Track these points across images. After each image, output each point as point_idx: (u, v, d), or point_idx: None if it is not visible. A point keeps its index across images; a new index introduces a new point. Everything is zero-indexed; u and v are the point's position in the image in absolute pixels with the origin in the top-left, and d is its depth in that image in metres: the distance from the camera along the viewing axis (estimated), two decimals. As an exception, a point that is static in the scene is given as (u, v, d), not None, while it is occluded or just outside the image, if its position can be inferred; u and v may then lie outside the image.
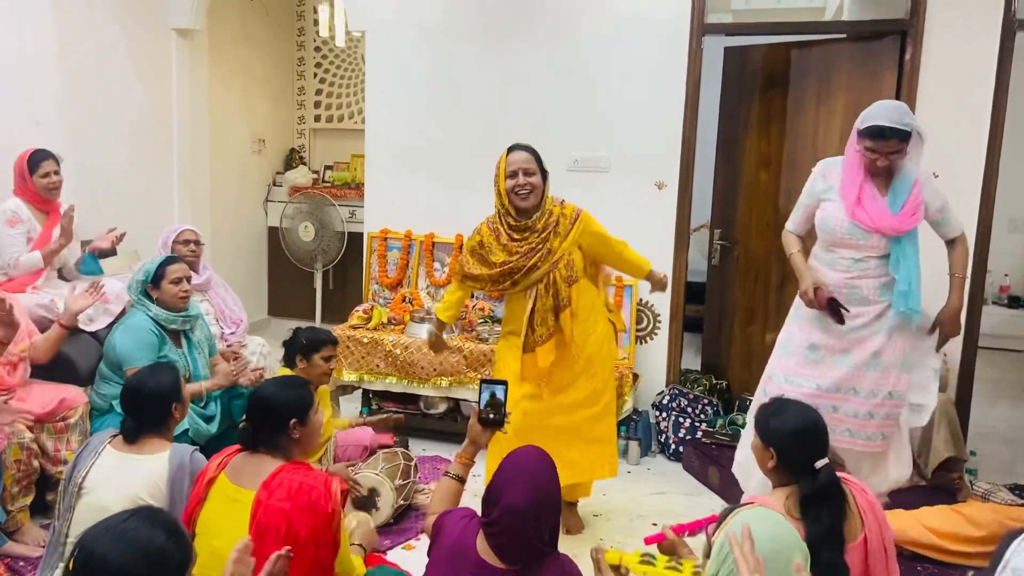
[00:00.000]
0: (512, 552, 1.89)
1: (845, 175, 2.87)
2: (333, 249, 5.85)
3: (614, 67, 4.26)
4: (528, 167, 2.94)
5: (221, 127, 5.57)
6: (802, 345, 2.96)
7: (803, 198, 3.05)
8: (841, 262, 2.89)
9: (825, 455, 1.97)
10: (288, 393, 2.26)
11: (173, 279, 3.19)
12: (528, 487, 1.90)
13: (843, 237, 2.85)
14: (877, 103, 2.83)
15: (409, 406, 4.21)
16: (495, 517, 1.90)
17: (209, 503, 2.16)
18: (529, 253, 2.94)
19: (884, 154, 2.75)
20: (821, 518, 1.88)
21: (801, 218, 3.06)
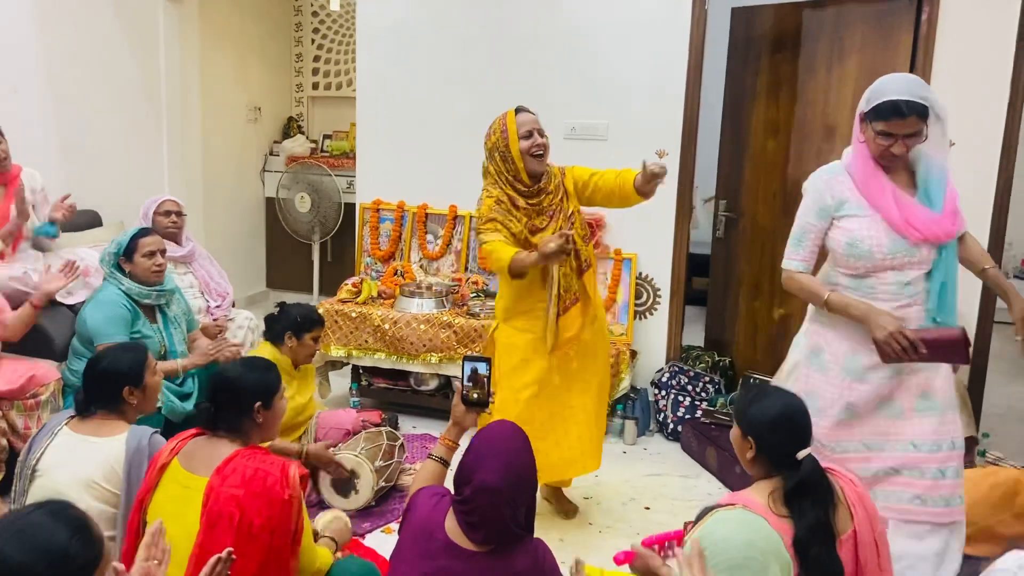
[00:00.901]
0: (484, 532, 1.79)
1: (863, 178, 2.29)
2: (330, 220, 5.72)
3: (614, 30, 4.06)
4: (539, 127, 2.86)
5: (214, 95, 5.43)
6: (836, 406, 2.37)
7: (806, 223, 2.39)
8: (884, 290, 2.29)
9: (807, 445, 1.83)
10: (256, 375, 2.16)
11: (146, 252, 3.07)
12: (503, 465, 1.80)
13: (885, 258, 2.26)
14: (885, 77, 2.30)
15: (399, 382, 4.10)
16: (467, 495, 1.81)
17: (160, 490, 2.06)
18: (553, 215, 2.84)
19: (900, 137, 2.20)
20: (806, 512, 1.75)
21: (811, 250, 2.39)
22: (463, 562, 1.80)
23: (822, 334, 2.42)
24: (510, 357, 2.90)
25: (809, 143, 4.06)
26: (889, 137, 2.21)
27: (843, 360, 2.37)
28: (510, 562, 1.80)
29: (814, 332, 2.46)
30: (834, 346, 2.39)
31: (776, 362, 4.31)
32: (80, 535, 1.31)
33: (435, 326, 3.84)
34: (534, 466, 1.90)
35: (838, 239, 2.33)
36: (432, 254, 4.41)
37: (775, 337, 4.29)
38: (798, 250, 2.40)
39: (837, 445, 2.37)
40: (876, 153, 2.25)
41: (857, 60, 3.85)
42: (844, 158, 2.38)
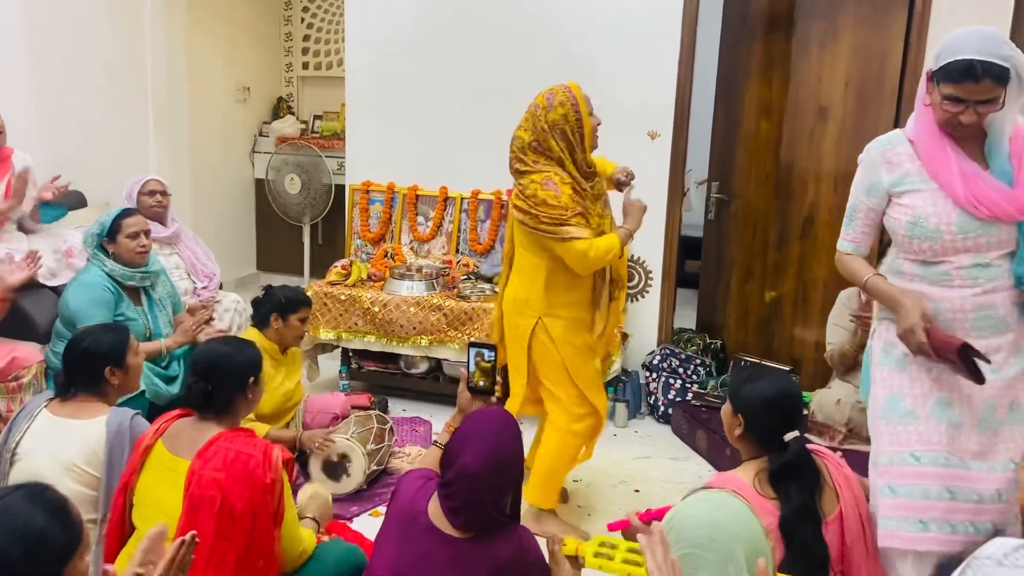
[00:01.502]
0: (464, 518, 1.77)
1: (927, 148, 1.96)
2: (321, 202, 5.66)
3: (607, 9, 4.01)
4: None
5: (201, 75, 5.36)
6: (928, 402, 1.98)
7: (859, 201, 2.09)
8: (958, 275, 1.95)
9: (796, 428, 1.82)
10: (247, 352, 2.15)
11: (129, 233, 3.03)
12: (485, 450, 1.78)
13: (955, 237, 1.92)
14: (959, 31, 1.91)
15: (389, 365, 4.07)
16: (449, 479, 1.79)
17: (145, 472, 2.03)
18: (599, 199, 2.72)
19: (972, 104, 1.86)
20: (792, 495, 1.73)
21: (862, 230, 2.10)
22: (443, 547, 1.78)
23: (890, 329, 2.06)
24: (576, 348, 2.73)
25: (802, 124, 4.03)
26: (958, 103, 1.87)
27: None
28: (491, 549, 1.78)
29: (883, 328, 2.12)
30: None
31: (767, 345, 4.32)
32: (58, 518, 1.28)
33: (425, 308, 3.81)
34: (520, 453, 1.88)
35: (899, 219, 2.00)
36: (422, 236, 4.38)
37: (766, 320, 4.28)
38: (848, 229, 2.13)
39: (936, 456, 1.94)
40: (942, 120, 1.92)
41: (850, 40, 3.81)
42: (907, 125, 2.05)
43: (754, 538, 1.41)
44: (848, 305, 3.49)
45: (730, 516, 1.42)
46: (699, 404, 3.76)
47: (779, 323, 4.23)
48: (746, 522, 1.42)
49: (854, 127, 3.85)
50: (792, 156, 4.08)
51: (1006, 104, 1.88)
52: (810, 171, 4.03)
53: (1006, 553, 0.76)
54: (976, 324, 1.94)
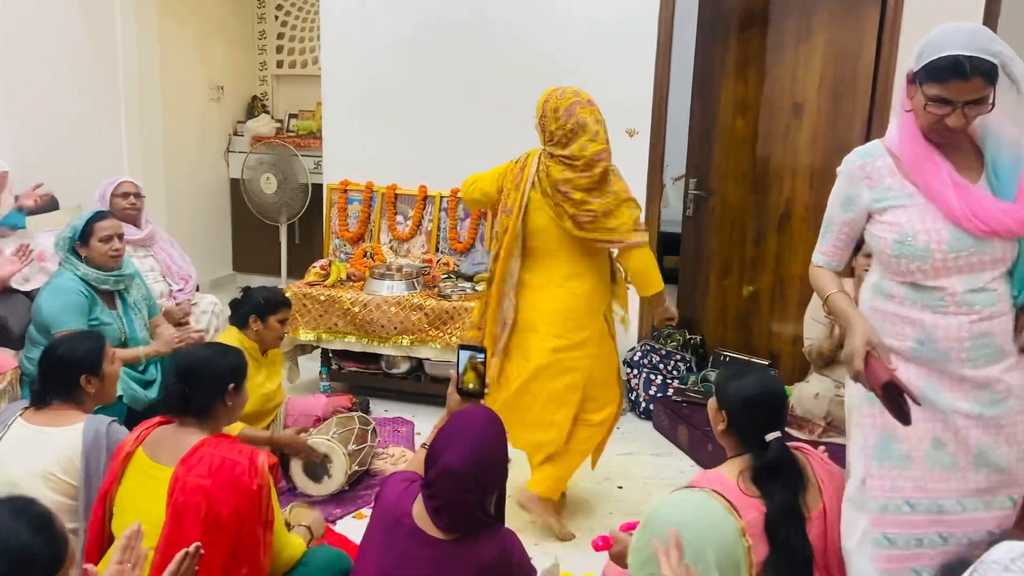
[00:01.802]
0: (448, 517, 1.77)
1: (913, 158, 1.78)
2: (297, 202, 5.62)
3: (584, 8, 4.01)
4: None
5: (174, 73, 5.29)
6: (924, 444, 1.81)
7: (834, 214, 1.94)
8: (953, 301, 1.77)
9: (778, 428, 1.83)
10: (227, 358, 2.14)
11: (103, 236, 2.98)
12: (469, 448, 1.77)
13: (946, 256, 1.74)
14: (942, 27, 1.76)
15: (370, 366, 4.06)
16: (432, 477, 1.78)
17: (126, 480, 2.01)
18: None
19: (960, 105, 1.70)
20: (775, 494, 1.75)
21: (835, 244, 1.96)
22: (428, 548, 1.77)
23: None
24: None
25: (777, 121, 4.06)
26: (944, 105, 1.70)
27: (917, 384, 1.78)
28: (476, 551, 1.78)
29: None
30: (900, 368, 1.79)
31: (745, 339, 4.36)
32: (44, 534, 1.26)
33: (406, 308, 3.79)
34: (505, 452, 1.88)
35: (884, 237, 1.82)
36: (402, 235, 4.36)
37: (745, 315, 4.31)
38: (822, 242, 1.99)
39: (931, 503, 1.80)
40: (926, 125, 1.75)
41: (824, 37, 3.84)
42: (887, 134, 1.89)
43: (726, 539, 1.40)
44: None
45: (701, 517, 1.42)
46: (680, 400, 3.78)
47: (757, 318, 4.26)
48: (719, 523, 1.42)
49: (828, 124, 3.88)
50: (768, 152, 4.12)
51: (995, 104, 1.72)
52: (786, 167, 4.06)
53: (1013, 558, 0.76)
54: (972, 354, 1.76)
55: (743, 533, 1.46)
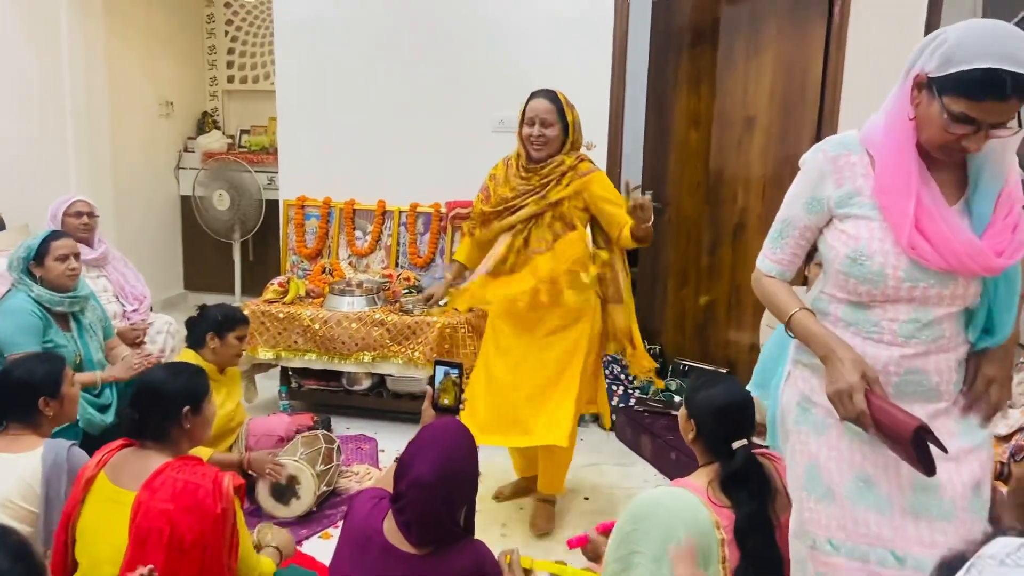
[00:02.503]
0: (419, 530, 1.75)
1: (887, 166, 1.53)
2: (251, 218, 5.55)
3: (539, 22, 4.06)
4: (546, 117, 2.83)
5: (122, 90, 5.19)
6: (845, 478, 1.61)
7: (794, 215, 1.68)
8: (892, 329, 1.57)
9: (746, 436, 1.87)
10: (182, 379, 2.08)
11: (58, 256, 2.91)
12: (437, 459, 1.76)
13: (900, 285, 1.53)
14: (967, 26, 1.44)
15: (331, 383, 4.01)
16: (401, 490, 1.77)
17: (88, 505, 1.95)
18: (525, 194, 2.87)
19: (986, 127, 1.43)
20: (744, 503, 1.78)
21: (793, 251, 1.70)
22: (400, 564, 1.76)
23: (807, 379, 1.69)
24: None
25: (730, 133, 4.15)
26: (968, 125, 1.43)
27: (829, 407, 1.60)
28: (449, 564, 1.77)
29: (800, 376, 1.72)
30: (819, 392, 1.64)
31: (703, 348, 4.43)
32: (22, 563, 1.23)
33: (367, 324, 3.76)
34: (475, 465, 1.87)
35: (837, 248, 1.60)
36: (361, 250, 4.33)
37: (702, 324, 4.39)
38: (775, 247, 1.72)
39: (856, 545, 1.58)
40: (937, 142, 1.48)
41: (773, 52, 3.95)
42: (865, 127, 1.62)
43: (699, 523, 1.45)
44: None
45: (675, 499, 1.47)
46: (642, 409, 3.82)
47: (714, 327, 4.34)
48: (692, 508, 1.47)
49: (779, 136, 3.99)
50: (721, 164, 4.21)
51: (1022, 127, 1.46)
52: (739, 178, 4.15)
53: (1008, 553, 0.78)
54: (901, 388, 1.57)
55: (718, 526, 1.49)
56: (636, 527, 1.46)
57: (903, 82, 1.52)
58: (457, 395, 2.13)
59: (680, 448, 3.34)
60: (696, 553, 1.45)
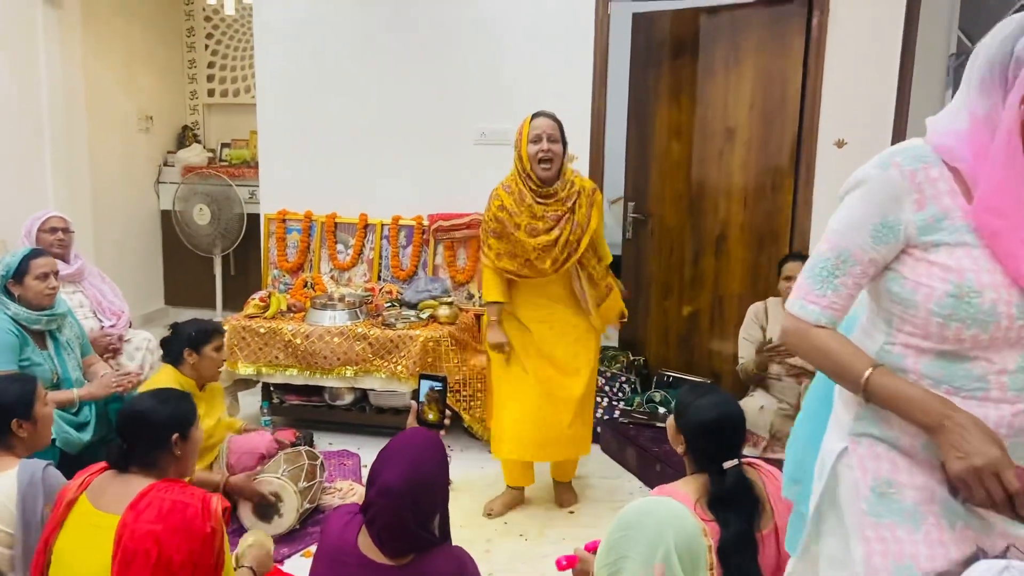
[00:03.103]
0: (389, 539, 1.75)
1: (996, 178, 1.23)
2: (232, 232, 5.51)
3: (520, 35, 4.07)
4: (552, 134, 2.89)
5: (100, 104, 5.15)
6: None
7: (856, 246, 1.33)
8: (998, 383, 1.26)
9: (735, 455, 1.86)
10: (170, 406, 2.04)
11: (38, 274, 2.87)
12: (404, 467, 1.76)
13: (1013, 324, 1.25)
14: None
15: (313, 398, 3.97)
16: (370, 499, 1.77)
17: (67, 528, 1.91)
18: (560, 223, 2.90)
19: None
20: (730, 522, 1.77)
21: (850, 292, 1.35)
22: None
23: (885, 457, 1.35)
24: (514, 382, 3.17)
25: (711, 144, 4.17)
26: None
27: (938, 494, 1.30)
28: (431, 572, 1.77)
29: (866, 454, 1.37)
30: (916, 471, 1.32)
31: (687, 359, 4.43)
32: None
33: (349, 338, 3.74)
34: (444, 472, 1.87)
35: (930, 286, 1.27)
36: (343, 264, 4.30)
37: (686, 335, 4.39)
38: (823, 288, 1.36)
39: None
40: None
41: (753, 63, 3.98)
42: (935, 133, 1.32)
43: (687, 529, 1.44)
44: (758, 319, 3.63)
45: (663, 508, 1.47)
46: (626, 421, 3.81)
47: (698, 337, 4.34)
48: (681, 516, 1.47)
49: (760, 146, 4.01)
50: (703, 175, 4.22)
51: None
52: (720, 189, 4.17)
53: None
54: (1012, 454, 1.22)
55: (705, 533, 1.49)
56: (625, 534, 1.47)
57: (989, 79, 1.25)
58: (441, 409, 2.11)
59: (666, 460, 3.33)
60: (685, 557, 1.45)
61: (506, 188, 2.98)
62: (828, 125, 3.78)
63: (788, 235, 3.94)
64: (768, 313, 3.61)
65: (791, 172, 3.89)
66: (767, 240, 4.01)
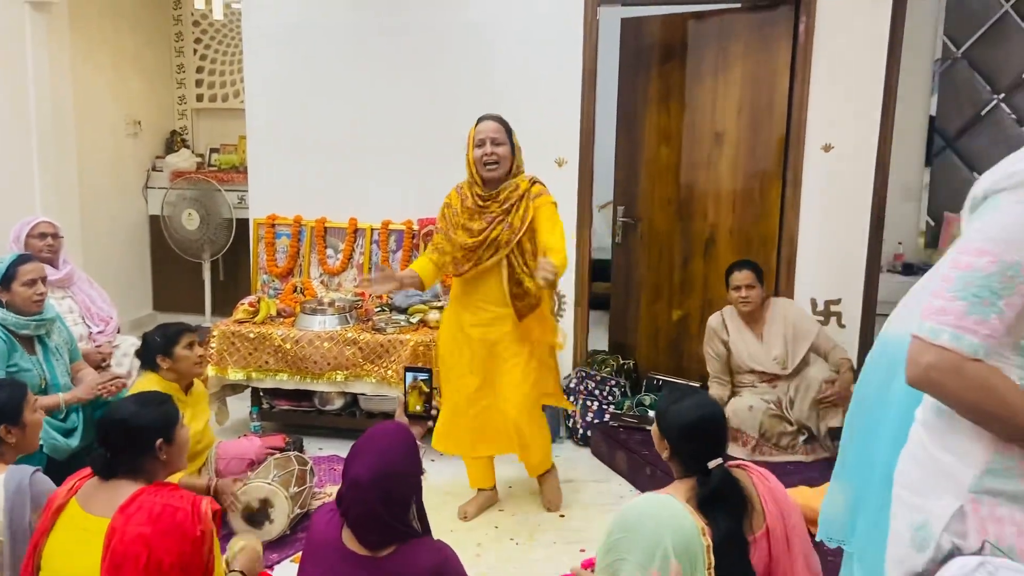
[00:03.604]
0: (364, 531, 1.79)
1: None
2: (221, 238, 5.49)
3: (509, 40, 4.08)
4: (496, 137, 2.91)
5: (89, 109, 5.12)
6: None
7: (1020, 257, 1.12)
8: None
9: (720, 454, 1.87)
10: (151, 409, 2.03)
11: (26, 280, 2.86)
12: (371, 459, 1.80)
13: None
14: None
15: (303, 403, 3.96)
16: (341, 492, 1.82)
17: (56, 533, 1.92)
18: (490, 225, 2.92)
19: None
20: (720, 522, 1.78)
21: (1009, 317, 1.13)
22: (360, 569, 1.79)
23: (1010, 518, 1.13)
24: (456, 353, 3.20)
25: (699, 149, 4.20)
26: None
27: None
28: (412, 564, 1.80)
29: (989, 515, 1.14)
30: None
31: (676, 362, 4.45)
32: None
33: (339, 343, 3.73)
34: (413, 464, 1.89)
35: None
36: (333, 269, 4.30)
37: (675, 338, 4.41)
38: (986, 312, 1.12)
39: None
40: None
41: (741, 67, 4.01)
42: None
43: (685, 530, 1.45)
44: (718, 334, 3.63)
45: (662, 509, 1.48)
46: (617, 425, 3.82)
47: (687, 341, 4.36)
48: (679, 517, 1.48)
49: (748, 150, 4.04)
50: (692, 179, 4.25)
51: None
52: (709, 193, 4.19)
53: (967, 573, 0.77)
54: None
55: (703, 532, 1.49)
56: (624, 535, 1.48)
57: None
58: (428, 401, 2.13)
59: (655, 463, 3.34)
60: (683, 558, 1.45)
61: (458, 188, 3.07)
62: (815, 129, 3.81)
63: (776, 238, 3.96)
64: (727, 325, 3.63)
65: (779, 176, 3.92)
66: (756, 243, 4.04)
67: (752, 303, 3.53)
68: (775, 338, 3.55)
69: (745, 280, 3.52)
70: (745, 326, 3.60)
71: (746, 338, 3.59)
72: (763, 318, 3.58)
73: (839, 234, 3.83)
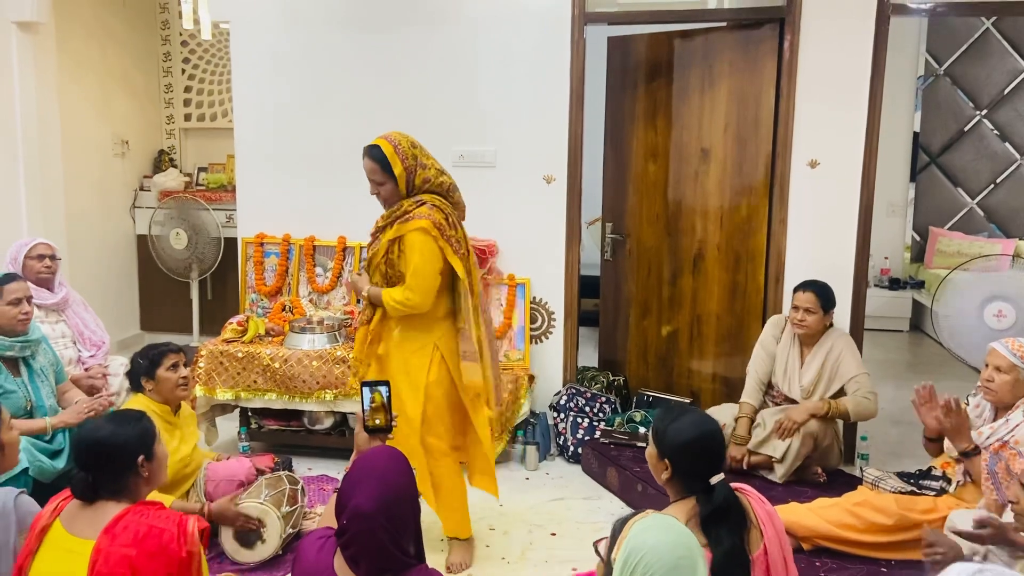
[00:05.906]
0: (366, 562, 1.73)
1: None
2: (209, 257, 5.48)
3: (496, 58, 4.11)
4: (373, 177, 2.87)
5: (75, 129, 5.12)
6: None
7: None
8: None
9: (720, 470, 1.86)
10: (128, 428, 1.98)
11: (11, 300, 2.84)
12: (375, 487, 1.74)
13: None
14: None
15: (292, 423, 3.94)
16: (343, 524, 1.75)
17: (41, 555, 1.89)
18: (376, 232, 2.95)
19: None
20: (723, 539, 1.77)
21: None
22: None
23: None
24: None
25: (687, 165, 4.22)
26: None
27: None
28: None
29: None
30: None
31: (667, 378, 4.45)
32: None
33: (328, 362, 3.72)
34: (413, 489, 1.86)
35: None
36: (322, 287, 4.29)
37: (665, 354, 4.41)
38: None
39: None
40: None
41: (727, 85, 4.05)
42: None
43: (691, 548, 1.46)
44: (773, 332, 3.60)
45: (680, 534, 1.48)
46: (607, 441, 3.81)
47: (677, 356, 4.37)
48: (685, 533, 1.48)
49: (735, 167, 4.07)
50: (680, 195, 4.27)
51: None
52: (697, 209, 4.21)
53: None
54: None
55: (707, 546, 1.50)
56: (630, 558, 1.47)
57: None
58: (388, 414, 2.11)
59: (647, 480, 3.33)
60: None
61: None
62: (801, 145, 3.84)
63: (764, 254, 3.98)
64: (784, 331, 3.59)
65: (766, 192, 3.95)
66: (744, 259, 4.06)
67: (808, 328, 3.44)
68: (812, 367, 3.46)
69: (805, 303, 3.42)
70: (795, 343, 3.54)
71: (791, 354, 3.52)
72: (815, 344, 3.50)
73: (826, 249, 3.85)
